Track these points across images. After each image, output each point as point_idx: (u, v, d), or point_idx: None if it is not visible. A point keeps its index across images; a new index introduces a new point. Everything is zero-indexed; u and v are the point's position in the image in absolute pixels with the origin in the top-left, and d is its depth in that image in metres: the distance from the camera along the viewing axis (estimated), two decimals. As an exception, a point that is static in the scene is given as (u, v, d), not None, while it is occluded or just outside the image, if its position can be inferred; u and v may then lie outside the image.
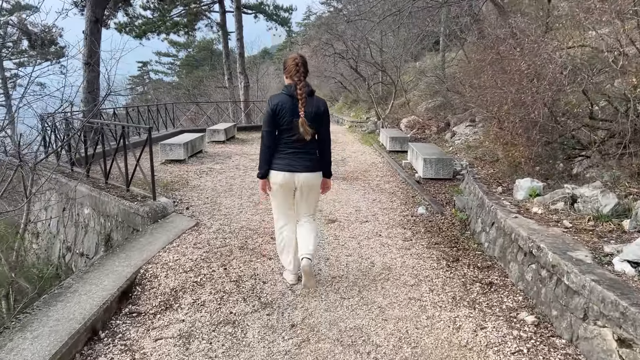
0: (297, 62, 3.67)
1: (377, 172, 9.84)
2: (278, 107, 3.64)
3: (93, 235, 7.42)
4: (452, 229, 5.75)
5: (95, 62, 12.52)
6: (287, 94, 3.68)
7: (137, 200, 6.59)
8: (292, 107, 3.62)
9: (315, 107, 3.70)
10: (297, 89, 3.62)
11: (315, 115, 3.68)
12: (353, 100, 25.15)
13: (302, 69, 3.66)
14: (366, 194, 7.88)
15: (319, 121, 3.73)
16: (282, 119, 3.64)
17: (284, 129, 3.70)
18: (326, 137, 3.85)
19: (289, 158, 3.74)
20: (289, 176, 3.75)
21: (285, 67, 3.76)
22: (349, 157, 11.77)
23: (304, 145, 3.73)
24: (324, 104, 3.80)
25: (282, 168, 3.74)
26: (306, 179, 3.79)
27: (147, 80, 43.63)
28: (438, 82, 14.78)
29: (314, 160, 3.81)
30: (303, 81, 3.66)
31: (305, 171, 3.76)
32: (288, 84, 3.72)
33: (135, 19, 24.16)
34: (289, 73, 3.70)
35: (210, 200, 7.46)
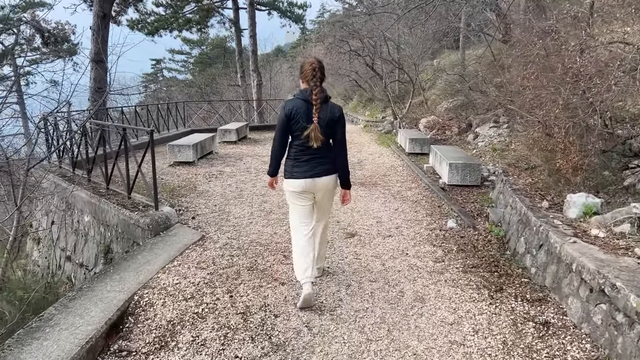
0: (315, 67, 3.57)
1: (397, 176, 9.14)
2: (293, 112, 3.56)
3: (93, 245, 6.84)
4: (489, 248, 5.04)
5: (103, 58, 11.97)
6: (302, 98, 3.59)
7: (137, 209, 5.97)
8: (307, 112, 3.55)
9: (330, 113, 3.61)
10: (312, 94, 3.54)
11: (329, 121, 3.59)
12: (368, 99, 24.42)
13: (319, 74, 3.57)
14: (387, 202, 7.20)
15: (334, 127, 3.64)
16: (296, 124, 3.57)
17: (297, 135, 3.62)
18: (342, 144, 3.74)
19: (307, 164, 3.66)
20: (310, 182, 3.68)
21: (302, 71, 3.66)
22: (365, 160, 11.08)
23: (318, 150, 3.63)
24: (339, 110, 3.70)
25: (301, 175, 3.67)
26: (326, 182, 3.74)
27: (160, 78, 43.25)
28: (459, 81, 14.01)
29: (330, 163, 3.74)
30: (319, 87, 3.56)
31: (324, 175, 3.70)
32: (304, 88, 3.64)
33: (148, 16, 23.66)
34: (306, 78, 3.61)
35: (219, 208, 6.83)
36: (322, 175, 3.70)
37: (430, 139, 11.74)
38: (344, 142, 3.75)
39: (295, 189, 3.73)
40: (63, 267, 7.73)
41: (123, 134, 6.30)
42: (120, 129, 6.57)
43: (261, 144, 13.92)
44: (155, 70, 43.35)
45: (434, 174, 9.00)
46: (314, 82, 3.56)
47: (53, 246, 8.16)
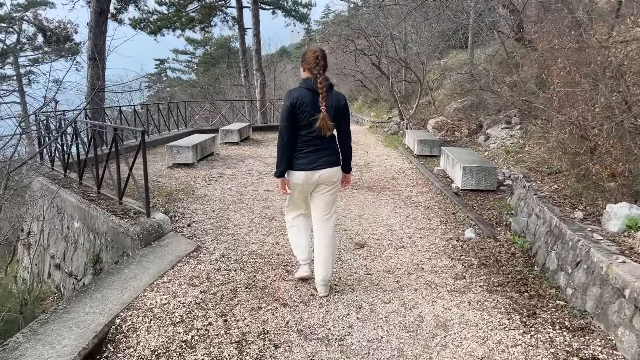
0: (317, 55, 3.46)
1: (406, 180, 8.61)
2: (298, 101, 3.41)
3: (82, 254, 6.34)
4: (514, 262, 4.51)
5: (101, 56, 11.49)
6: (306, 87, 3.46)
7: (128, 216, 5.47)
8: (313, 101, 3.42)
9: (336, 101, 3.51)
10: (317, 82, 3.41)
11: (336, 110, 3.50)
12: (373, 100, 23.90)
13: (322, 62, 3.47)
14: (397, 208, 6.68)
15: (340, 115, 3.55)
16: (302, 113, 3.42)
17: (303, 125, 3.46)
18: (347, 132, 3.68)
19: (310, 156, 3.53)
20: (310, 175, 3.56)
21: (305, 59, 3.53)
22: (372, 162, 10.56)
23: (323, 141, 3.53)
24: (343, 98, 3.62)
25: (304, 167, 3.54)
26: (329, 175, 3.60)
27: (164, 78, 42.80)
28: (469, 81, 13.47)
29: (335, 155, 3.64)
30: (323, 75, 3.46)
31: (327, 167, 3.57)
32: (307, 77, 3.50)
33: (150, 15, 23.21)
34: (308, 65, 3.48)
35: (217, 214, 6.33)
36: (326, 167, 3.58)
37: (439, 141, 11.22)
38: (348, 130, 3.69)
39: (297, 181, 3.60)
40: (52, 275, 7.25)
41: (114, 135, 5.80)
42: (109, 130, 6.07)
43: (264, 145, 13.42)
44: (159, 70, 42.93)
45: (446, 178, 8.47)
46: (317, 70, 3.44)
47: (43, 253, 7.68)
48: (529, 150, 9.87)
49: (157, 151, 11.75)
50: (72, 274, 6.52)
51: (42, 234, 7.84)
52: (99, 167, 6.51)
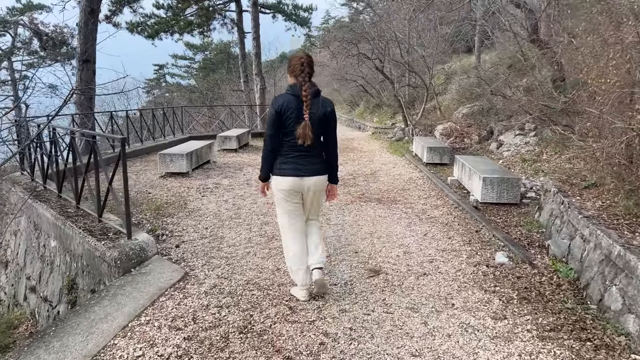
0: (303, 62, 3.38)
1: (418, 191, 7.86)
2: (283, 107, 3.35)
3: (58, 277, 5.57)
4: (562, 297, 3.75)
5: (91, 58, 10.76)
6: (292, 94, 3.38)
7: (106, 237, 4.70)
8: (298, 107, 3.34)
9: (322, 107, 3.41)
10: (302, 89, 3.33)
11: (322, 116, 3.40)
12: (376, 105, 23.18)
13: (307, 68, 3.37)
14: (412, 224, 5.92)
15: (326, 122, 3.45)
16: (287, 120, 3.35)
17: (288, 131, 3.38)
18: (333, 140, 3.55)
19: (295, 162, 3.44)
20: (297, 181, 3.46)
21: (290, 65, 3.46)
22: (379, 171, 9.80)
23: (309, 148, 3.41)
24: (330, 104, 3.50)
25: (289, 173, 3.45)
26: (315, 184, 3.53)
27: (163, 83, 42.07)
28: (478, 85, 12.75)
29: (321, 163, 3.54)
30: (308, 82, 3.37)
31: (313, 175, 3.49)
32: (292, 83, 3.43)
33: (148, 18, 22.54)
34: (294, 72, 3.42)
35: (210, 232, 5.56)
36: (312, 175, 3.48)
37: (450, 148, 10.47)
38: (335, 138, 3.54)
39: (283, 187, 3.50)
40: (28, 298, 6.47)
41: (91, 144, 5.04)
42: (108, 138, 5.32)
43: (264, 152, 12.67)
44: (158, 76, 42.22)
45: (461, 189, 7.72)
46: (302, 76, 3.35)
47: (19, 272, 6.92)
48: (547, 158, 9.13)
49: (150, 159, 11.00)
50: (47, 299, 5.74)
51: (19, 251, 7.07)
52: (79, 179, 5.74)
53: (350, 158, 11.76)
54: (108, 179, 4.87)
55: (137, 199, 7.24)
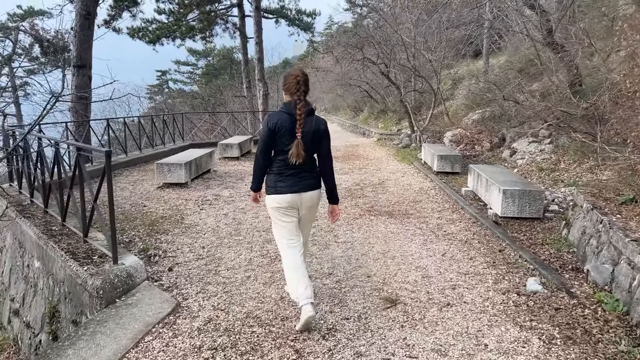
0: (299, 80, 3.31)
1: (431, 203, 7.32)
2: (277, 126, 3.30)
3: (41, 301, 5.05)
4: (612, 336, 3.20)
5: (86, 63, 10.29)
6: (286, 112, 3.32)
7: (90, 260, 4.18)
8: (292, 126, 3.29)
9: (315, 126, 3.37)
10: (296, 107, 3.28)
11: (314, 135, 3.36)
12: (381, 110, 22.67)
13: (302, 87, 3.32)
14: (428, 242, 5.39)
15: (319, 141, 3.41)
16: (281, 138, 3.31)
17: (283, 150, 3.34)
18: (327, 158, 3.51)
19: (291, 179, 3.40)
20: (295, 197, 3.42)
21: (286, 83, 3.39)
22: (388, 180, 9.27)
23: (303, 165, 3.38)
24: (324, 123, 3.47)
25: (287, 190, 3.40)
26: (310, 198, 3.49)
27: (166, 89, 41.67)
28: (489, 90, 12.22)
29: (314, 178, 3.50)
30: (303, 100, 3.31)
31: (308, 190, 3.45)
32: (287, 101, 3.38)
33: (149, 24, 22.13)
34: (289, 90, 3.35)
35: (207, 252, 5.04)
36: (307, 190, 3.46)
37: (461, 156, 9.93)
38: (329, 156, 3.53)
39: (280, 204, 3.44)
40: (12, 322, 5.95)
41: (77, 157, 4.52)
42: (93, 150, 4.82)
43: (266, 160, 12.16)
44: (160, 82, 41.84)
45: (477, 200, 7.19)
46: (297, 95, 3.31)
47: (4, 292, 6.40)
48: (566, 167, 8.59)
49: (148, 168, 10.49)
50: (29, 325, 5.22)
51: (4, 269, 6.56)
52: (64, 193, 5.23)
53: (356, 166, 11.24)
54: (93, 196, 4.35)
55: (131, 212, 6.74)
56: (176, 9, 21.65)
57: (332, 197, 3.63)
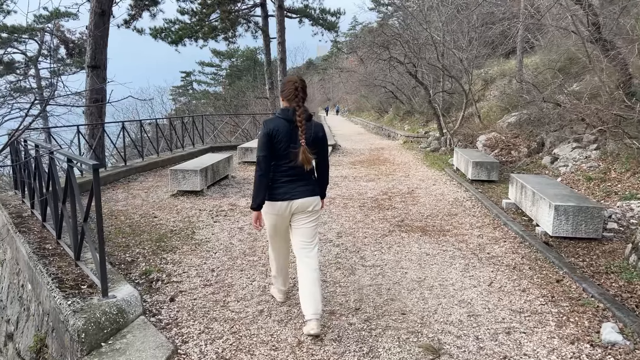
0: (297, 87, 3.24)
1: (468, 217, 6.54)
2: (274, 131, 3.23)
3: (32, 328, 4.47)
4: None
5: (101, 64, 9.80)
6: (283, 118, 3.25)
7: (78, 291, 3.56)
8: (289, 132, 3.23)
9: (314, 132, 3.32)
10: (295, 114, 3.22)
11: (314, 141, 3.31)
12: (406, 112, 21.83)
13: (301, 93, 3.25)
14: (470, 267, 4.63)
15: (318, 147, 3.36)
16: (278, 144, 3.24)
17: (280, 155, 3.27)
18: (325, 163, 3.49)
19: (286, 186, 3.32)
20: (286, 205, 3.33)
21: (283, 90, 3.32)
22: (418, 189, 8.50)
23: (301, 172, 3.32)
24: (321, 128, 3.42)
25: (283, 197, 3.32)
26: (302, 204, 3.36)
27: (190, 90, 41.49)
28: (527, 91, 11.33)
29: (311, 184, 3.41)
30: (302, 106, 3.25)
31: (304, 196, 3.35)
32: (285, 107, 3.30)
33: (172, 24, 21.77)
34: (287, 97, 3.28)
35: (216, 277, 4.39)
36: (302, 197, 3.35)
37: (499, 163, 9.09)
38: (327, 162, 3.50)
39: (276, 212, 3.35)
40: (7, 345, 5.40)
41: (67, 169, 3.90)
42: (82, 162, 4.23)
43: (288, 165, 11.51)
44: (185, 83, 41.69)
45: (520, 215, 6.39)
46: (296, 102, 3.23)
47: (1, 311, 5.87)
48: (617, 177, 7.70)
49: (164, 173, 9.94)
50: (20, 355, 4.65)
51: (3, 285, 6.04)
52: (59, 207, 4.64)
53: (382, 172, 10.49)
54: (83, 213, 3.72)
55: (139, 225, 6.15)
56: (199, 8, 21.23)
57: (321, 193, 3.55)
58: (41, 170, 5.24)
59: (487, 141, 11.13)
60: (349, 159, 13.28)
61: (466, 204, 7.31)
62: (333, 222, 6.31)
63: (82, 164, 3.58)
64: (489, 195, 7.70)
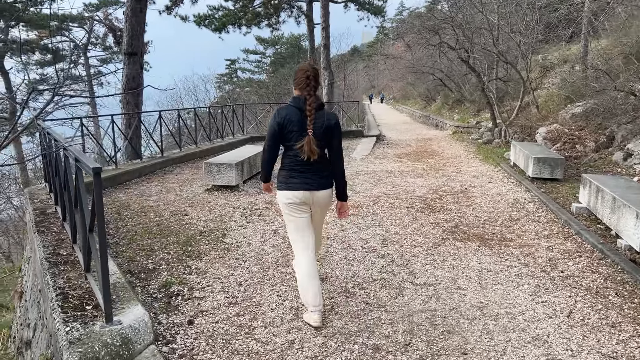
0: (309, 75, 3.20)
1: (533, 223, 5.71)
2: (285, 120, 3.17)
3: (44, 342, 4.05)
4: None
5: (138, 51, 9.41)
6: (295, 106, 3.19)
7: (82, 312, 3.05)
8: (300, 121, 3.16)
9: (326, 120, 3.22)
10: (306, 103, 3.15)
11: (325, 130, 3.21)
12: (456, 100, 20.70)
13: (312, 82, 3.21)
14: (542, 289, 3.87)
15: (330, 136, 3.25)
16: (289, 133, 3.18)
17: (292, 145, 3.20)
18: (338, 155, 3.34)
19: (302, 176, 3.25)
20: (308, 195, 3.27)
21: (295, 78, 3.26)
22: (472, 187, 7.68)
23: (314, 162, 3.22)
24: (334, 117, 3.33)
25: (299, 187, 3.25)
26: (322, 197, 3.33)
27: (234, 78, 41.40)
28: (595, 79, 10.18)
29: (327, 176, 3.33)
30: (313, 95, 3.21)
31: (321, 189, 3.30)
32: (297, 95, 3.24)
33: (216, 11, 21.42)
34: (299, 85, 3.22)
35: (244, 293, 3.81)
36: (319, 189, 3.30)
37: (564, 159, 8.11)
38: (340, 152, 3.34)
39: (292, 200, 3.27)
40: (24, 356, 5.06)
41: (76, 170, 3.39)
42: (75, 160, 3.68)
43: (330, 157, 10.86)
44: (230, 71, 41.62)
45: (594, 222, 5.50)
46: (307, 90, 3.17)
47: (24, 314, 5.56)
48: None
49: (202, 165, 9.49)
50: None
51: (28, 284, 5.72)
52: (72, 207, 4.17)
53: (431, 166, 9.67)
54: (87, 224, 3.20)
55: (168, 224, 5.67)
56: (243, -6, 20.77)
57: (341, 194, 3.45)
58: (58, 165, 4.80)
59: (548, 134, 10.09)
60: (394, 150, 12.50)
61: (529, 206, 6.46)
62: (377, 226, 5.62)
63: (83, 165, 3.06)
64: (554, 197, 6.80)
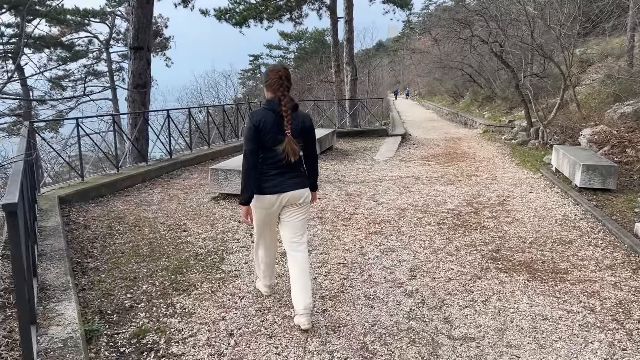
0: (281, 75, 3.09)
1: (590, 248, 4.74)
2: (261, 123, 3.05)
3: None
4: None
5: (144, 45, 8.68)
6: (269, 109, 3.09)
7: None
8: (276, 123, 3.06)
9: (301, 122, 3.16)
10: (281, 104, 3.05)
11: (301, 131, 3.15)
12: (486, 97, 19.51)
13: (285, 82, 3.09)
14: (617, 348, 2.95)
15: (305, 137, 3.21)
16: (265, 136, 3.06)
17: (267, 147, 3.10)
18: (313, 154, 3.35)
19: (276, 179, 3.16)
20: (276, 198, 3.17)
21: (267, 80, 3.14)
22: (511, 198, 6.71)
23: (289, 164, 3.14)
24: (308, 118, 3.28)
25: (272, 190, 3.16)
26: (293, 196, 3.20)
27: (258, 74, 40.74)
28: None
29: (301, 176, 3.28)
30: (287, 96, 3.09)
31: (293, 189, 3.20)
32: (270, 97, 3.13)
33: (237, 5, 20.70)
34: (272, 87, 3.10)
35: (233, 348, 2.99)
36: (293, 189, 3.19)
37: (617, 167, 7.05)
38: (315, 153, 3.36)
39: (266, 206, 3.20)
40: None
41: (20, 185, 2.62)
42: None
43: (350, 159, 9.98)
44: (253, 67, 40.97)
45: (668, 249, 4.50)
46: (281, 91, 3.06)
47: None
48: None
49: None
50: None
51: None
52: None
53: (462, 171, 8.70)
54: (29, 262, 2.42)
55: (161, 243, 4.91)
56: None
57: (312, 184, 3.37)
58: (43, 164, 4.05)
59: (593, 136, 9.00)
60: (420, 152, 11.53)
61: (581, 224, 5.47)
62: (404, 248, 4.74)
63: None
64: (610, 212, 5.79)
